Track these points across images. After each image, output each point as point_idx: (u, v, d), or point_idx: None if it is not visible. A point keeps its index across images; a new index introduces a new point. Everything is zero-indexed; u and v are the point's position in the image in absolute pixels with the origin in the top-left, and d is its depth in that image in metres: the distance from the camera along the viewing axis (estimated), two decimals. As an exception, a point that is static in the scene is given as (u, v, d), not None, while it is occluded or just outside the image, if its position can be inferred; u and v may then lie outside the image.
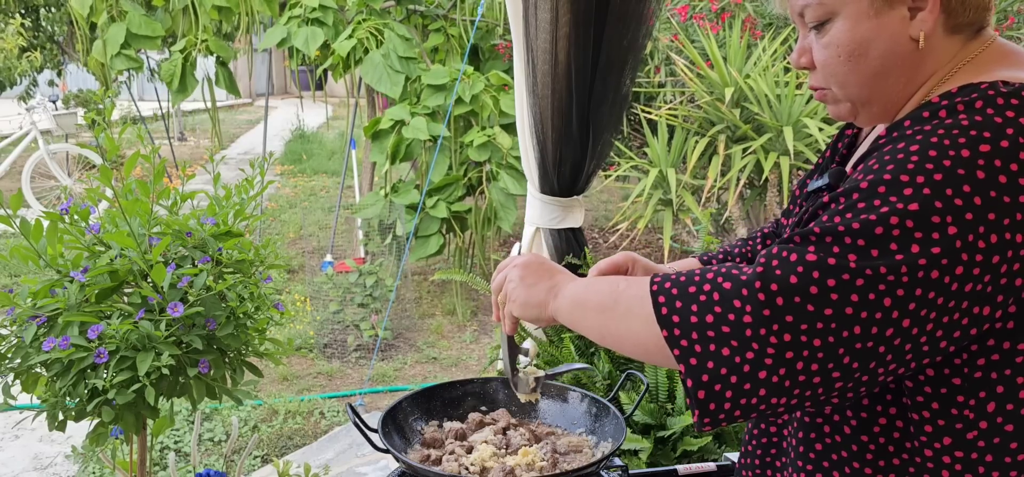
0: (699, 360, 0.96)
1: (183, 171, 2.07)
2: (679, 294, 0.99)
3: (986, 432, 1.01)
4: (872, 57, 1.04)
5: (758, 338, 0.92)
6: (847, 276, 0.91)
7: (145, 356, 1.71)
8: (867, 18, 1.03)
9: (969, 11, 1.04)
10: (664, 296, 1.00)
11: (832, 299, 0.91)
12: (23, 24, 9.07)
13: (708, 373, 0.95)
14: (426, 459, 1.51)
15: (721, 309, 0.95)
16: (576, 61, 2.97)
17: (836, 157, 1.27)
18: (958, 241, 0.90)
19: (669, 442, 2.56)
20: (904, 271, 0.90)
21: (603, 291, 1.11)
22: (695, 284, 0.99)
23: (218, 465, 3.59)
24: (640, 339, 1.03)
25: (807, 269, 0.92)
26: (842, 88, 1.08)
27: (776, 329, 0.91)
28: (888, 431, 1.05)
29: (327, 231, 7.49)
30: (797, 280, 0.92)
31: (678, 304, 0.98)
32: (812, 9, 1.06)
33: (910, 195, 0.91)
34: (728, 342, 0.94)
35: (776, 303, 0.92)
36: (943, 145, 0.93)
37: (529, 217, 3.38)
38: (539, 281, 1.21)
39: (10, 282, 6.10)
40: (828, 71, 1.08)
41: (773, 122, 5.00)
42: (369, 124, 5.95)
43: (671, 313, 0.98)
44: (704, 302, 0.96)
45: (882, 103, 1.08)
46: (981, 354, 0.99)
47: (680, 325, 0.97)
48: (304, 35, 5.82)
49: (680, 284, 1.00)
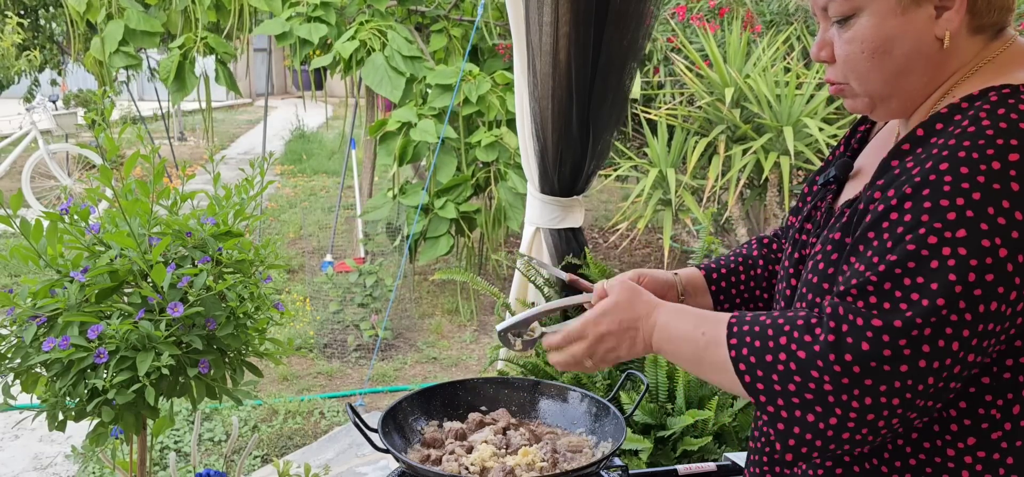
0: (786, 425, 1.01)
1: (183, 171, 2.07)
2: (758, 362, 1.03)
3: (1010, 434, 1.01)
4: (896, 55, 1.04)
5: (841, 404, 0.96)
6: (916, 332, 0.93)
7: (145, 356, 1.71)
8: (894, 15, 1.03)
9: (994, 12, 1.05)
10: (744, 364, 1.05)
11: (905, 356, 0.93)
12: (20, 23, 9.06)
13: (795, 438, 1.01)
14: (426, 459, 1.51)
15: (800, 379, 0.99)
16: (576, 61, 2.97)
17: (847, 152, 1.26)
18: (1009, 264, 0.92)
19: (669, 442, 2.56)
20: (963, 306, 0.92)
21: (687, 351, 1.14)
22: (771, 352, 1.02)
23: (218, 465, 3.59)
24: (733, 389, 1.08)
25: (877, 334, 0.94)
26: (863, 84, 1.08)
27: (857, 394, 0.95)
28: (907, 431, 1.05)
29: (327, 231, 7.49)
30: (870, 346, 0.95)
31: (759, 373, 1.03)
32: (837, 3, 1.06)
33: (954, 220, 0.93)
34: (812, 408, 0.99)
35: (853, 372, 0.95)
36: (972, 159, 0.94)
37: (529, 217, 3.38)
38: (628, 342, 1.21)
39: (10, 282, 6.10)
40: (850, 66, 1.08)
41: (773, 122, 5.00)
42: (375, 125, 5.95)
43: (754, 382, 1.03)
44: (783, 372, 1.01)
45: (901, 100, 1.08)
46: (1009, 355, 0.99)
47: (765, 393, 1.02)
48: (307, 29, 5.81)
49: (756, 350, 1.04)
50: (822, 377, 0.97)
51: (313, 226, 8.28)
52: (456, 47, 6.45)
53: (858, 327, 0.95)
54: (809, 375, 0.98)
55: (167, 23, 6.44)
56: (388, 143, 5.71)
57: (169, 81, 6.03)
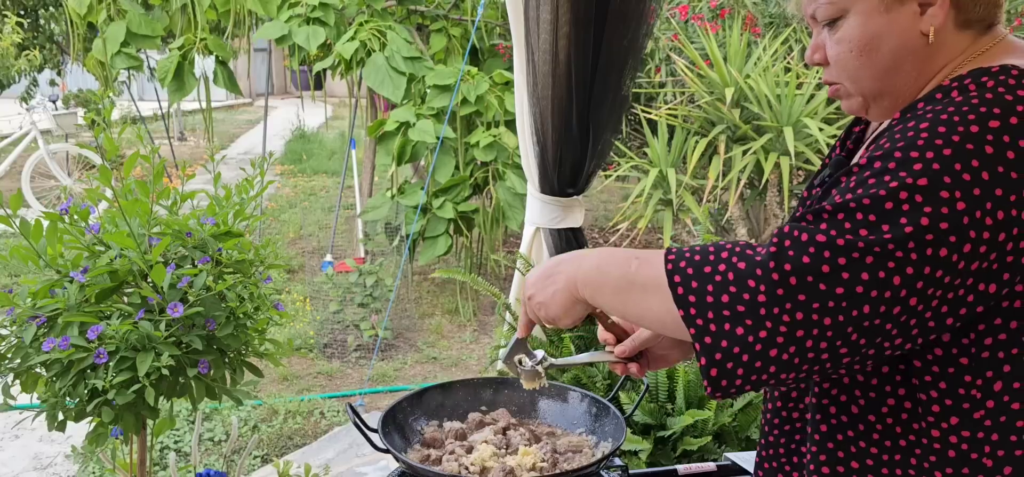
0: (713, 338, 0.98)
1: (183, 171, 2.07)
2: (694, 274, 1.00)
3: (993, 412, 1.01)
4: (884, 52, 1.06)
5: (771, 317, 0.94)
6: (857, 254, 0.92)
7: (145, 356, 1.71)
8: (878, 14, 1.05)
9: (979, 7, 1.06)
10: (679, 275, 1.01)
11: (843, 278, 0.92)
12: (20, 23, 9.06)
13: (721, 352, 0.97)
14: (426, 459, 1.51)
15: (735, 289, 0.97)
16: (576, 61, 2.97)
17: (843, 154, 1.27)
18: (966, 217, 0.91)
19: (669, 442, 2.56)
20: (912, 247, 0.91)
21: (617, 274, 1.11)
22: (710, 263, 1.00)
23: (218, 465, 3.59)
24: (657, 316, 1.06)
25: (818, 248, 0.93)
26: (854, 83, 1.10)
27: (789, 307, 0.94)
28: (896, 412, 1.06)
29: (327, 231, 7.49)
30: (809, 260, 0.93)
31: (694, 284, 1.00)
32: (823, 8, 1.08)
33: (919, 169, 0.93)
34: (742, 321, 0.96)
35: (789, 283, 0.94)
36: (953, 121, 0.95)
37: (529, 217, 3.38)
38: (554, 284, 1.18)
39: (10, 282, 6.10)
40: (841, 66, 1.10)
41: (773, 122, 5.00)
42: (373, 125, 5.95)
43: (687, 293, 1.00)
44: (719, 282, 0.98)
45: (893, 97, 1.10)
46: (988, 333, 0.99)
47: (696, 304, 0.99)
48: (305, 33, 5.81)
49: (695, 263, 1.01)
50: (758, 287, 0.95)
51: (313, 226, 8.28)
52: (456, 47, 6.45)
53: (801, 242, 0.95)
54: (745, 284, 0.96)
55: (168, 25, 6.45)
56: (387, 143, 5.72)
57: (167, 81, 6.03)
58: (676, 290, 1.01)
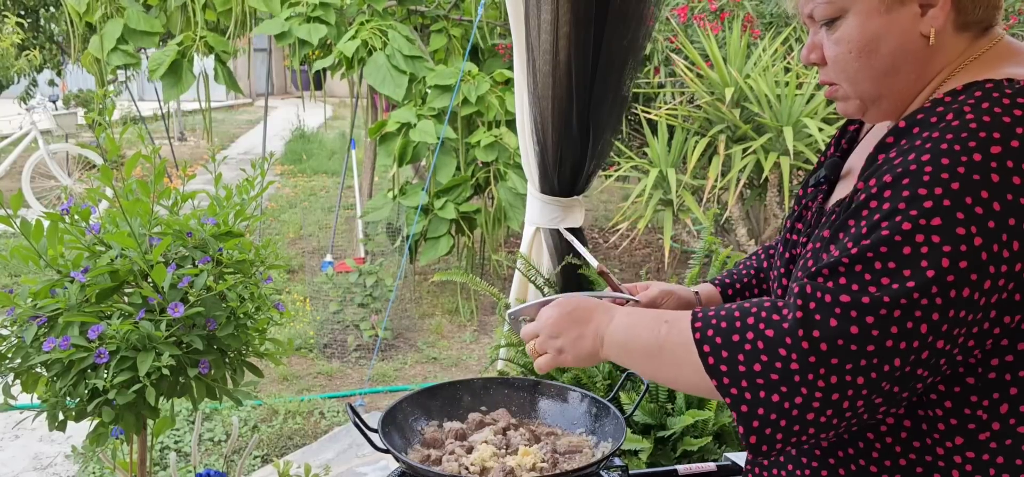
0: (750, 407, 0.99)
1: (184, 171, 2.07)
2: (723, 343, 1.01)
3: (998, 433, 1.00)
4: (883, 53, 1.05)
5: (806, 384, 0.95)
6: (884, 311, 0.92)
7: (145, 356, 1.71)
8: (878, 14, 1.04)
9: (979, 9, 1.05)
10: (708, 345, 1.02)
11: (873, 336, 0.92)
12: (20, 23, 9.06)
13: (758, 419, 0.98)
14: (426, 459, 1.51)
15: (767, 357, 0.97)
16: (576, 61, 2.98)
17: (837, 154, 1.27)
18: (983, 252, 0.91)
19: (669, 442, 2.56)
20: (936, 291, 0.91)
21: (646, 338, 1.11)
22: (738, 331, 1.00)
23: (218, 465, 3.59)
24: (692, 383, 1.06)
25: (845, 309, 0.94)
26: (853, 85, 1.09)
27: (822, 373, 0.94)
28: (895, 430, 1.05)
29: (327, 231, 7.49)
30: (838, 322, 0.94)
31: (724, 353, 1.00)
32: (821, 7, 1.07)
33: (930, 207, 0.92)
34: (777, 389, 0.97)
35: (820, 349, 0.94)
36: (953, 151, 0.94)
37: (529, 217, 3.38)
38: (581, 331, 1.19)
39: (10, 282, 6.10)
40: (839, 67, 1.09)
41: (773, 122, 5.00)
42: (374, 127, 5.95)
43: (718, 363, 1.01)
44: (750, 351, 0.99)
45: (891, 99, 1.09)
46: (995, 355, 0.99)
47: (729, 375, 1.00)
48: (306, 30, 5.81)
49: (722, 330, 1.02)
50: (789, 355, 0.95)
51: (313, 226, 8.28)
52: (456, 47, 6.45)
53: (826, 304, 0.95)
54: (776, 353, 0.96)
55: (167, 23, 6.44)
56: (388, 144, 5.72)
57: (158, 74, 6.01)
58: (706, 360, 1.01)
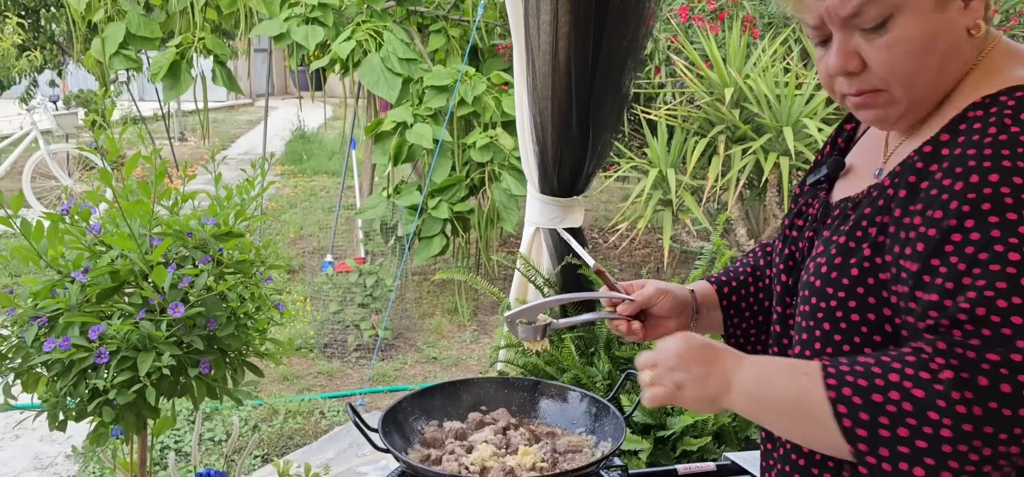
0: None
1: (184, 171, 2.07)
2: (863, 404, 0.93)
3: None
4: (939, 51, 1.00)
5: (957, 456, 0.89)
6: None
7: (146, 356, 1.71)
8: (933, 12, 0.99)
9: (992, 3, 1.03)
10: (845, 406, 0.94)
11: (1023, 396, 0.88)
12: (21, 23, 9.06)
13: None
14: (426, 459, 1.51)
15: (915, 422, 0.90)
16: (576, 61, 2.98)
17: (835, 152, 1.26)
18: None
19: (669, 442, 2.56)
20: None
21: (782, 391, 1.02)
22: (879, 390, 0.92)
23: (218, 465, 3.59)
24: (828, 445, 0.98)
25: (994, 367, 0.88)
26: (907, 87, 1.02)
27: (977, 445, 0.88)
28: None
29: (327, 231, 7.49)
30: (988, 382, 0.88)
31: (863, 417, 0.93)
32: (873, 8, 0.99)
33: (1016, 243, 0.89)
34: (921, 459, 0.90)
35: (975, 414, 0.88)
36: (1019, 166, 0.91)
37: (529, 217, 3.38)
38: (707, 371, 1.09)
39: (11, 282, 6.11)
40: (892, 70, 1.01)
41: (773, 122, 5.00)
42: (371, 125, 5.95)
43: (855, 426, 0.93)
44: (894, 413, 0.91)
45: (930, 102, 1.05)
46: None
47: (868, 440, 0.92)
48: (303, 32, 5.82)
49: (861, 389, 0.93)
50: (941, 420, 0.88)
51: (313, 226, 8.28)
52: (455, 47, 6.45)
53: (971, 361, 0.88)
54: (925, 417, 0.89)
55: (167, 25, 6.44)
56: (383, 143, 5.72)
57: (159, 77, 6.02)
58: (842, 421, 0.93)
